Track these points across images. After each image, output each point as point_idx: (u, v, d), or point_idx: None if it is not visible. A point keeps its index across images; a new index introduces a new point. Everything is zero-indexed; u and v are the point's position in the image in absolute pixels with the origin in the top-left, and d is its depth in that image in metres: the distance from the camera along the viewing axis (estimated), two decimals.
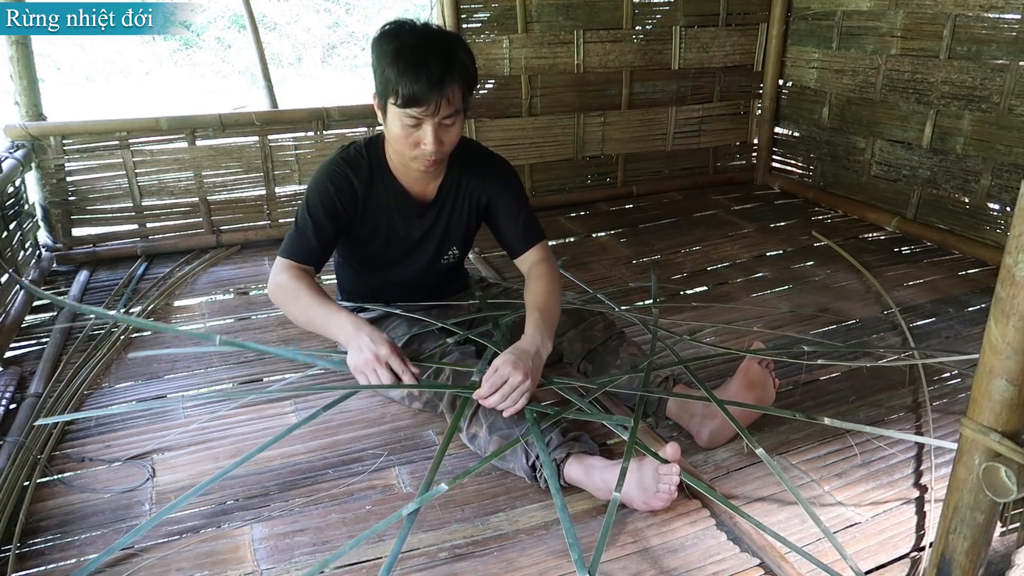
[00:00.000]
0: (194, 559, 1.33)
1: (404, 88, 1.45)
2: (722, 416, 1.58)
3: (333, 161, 1.68)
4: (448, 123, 1.52)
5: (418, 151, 1.54)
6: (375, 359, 1.50)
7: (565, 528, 1.24)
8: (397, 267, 1.81)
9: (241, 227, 3.03)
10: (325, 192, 1.64)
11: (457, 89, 1.49)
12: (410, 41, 1.47)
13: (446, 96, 1.47)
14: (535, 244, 1.75)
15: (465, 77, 1.51)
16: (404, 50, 1.45)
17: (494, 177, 1.75)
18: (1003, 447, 0.94)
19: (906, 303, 2.39)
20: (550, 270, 1.71)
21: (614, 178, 3.63)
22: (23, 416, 1.73)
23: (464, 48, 1.53)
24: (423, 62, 1.44)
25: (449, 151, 1.60)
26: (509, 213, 1.75)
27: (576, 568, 1.17)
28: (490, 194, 1.74)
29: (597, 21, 3.30)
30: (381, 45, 1.49)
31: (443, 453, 1.39)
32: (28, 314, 2.34)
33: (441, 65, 1.45)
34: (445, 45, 1.49)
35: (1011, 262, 0.89)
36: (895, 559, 1.32)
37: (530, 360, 1.49)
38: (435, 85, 1.44)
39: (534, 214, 1.78)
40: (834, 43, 3.33)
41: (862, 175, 3.31)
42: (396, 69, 1.45)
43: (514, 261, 1.79)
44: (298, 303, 1.59)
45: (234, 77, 10.16)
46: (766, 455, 1.38)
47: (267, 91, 4.84)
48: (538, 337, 1.55)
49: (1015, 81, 2.61)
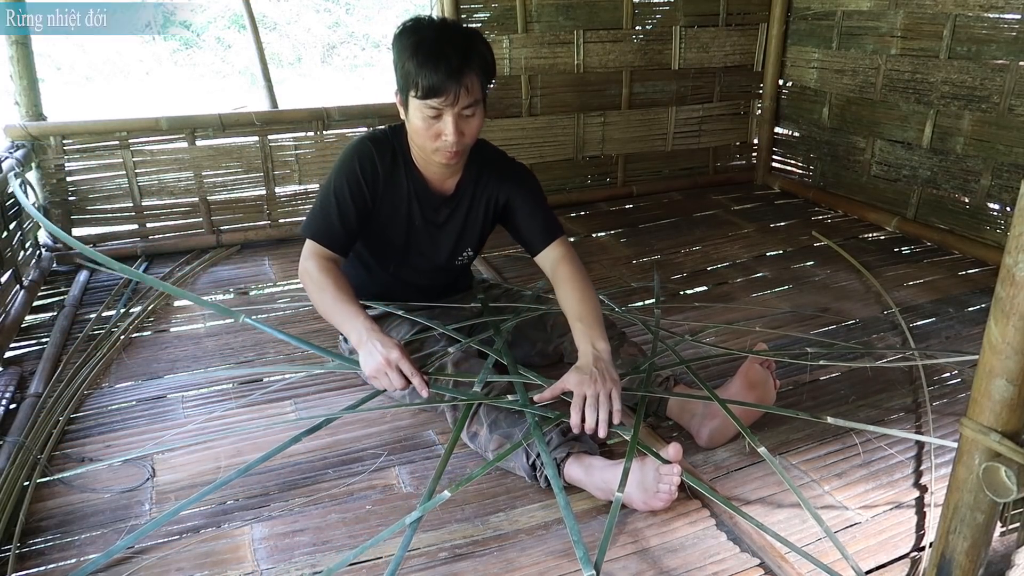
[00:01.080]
0: (194, 559, 1.33)
1: (424, 79, 1.46)
2: (722, 416, 1.58)
3: (360, 140, 1.68)
4: (468, 113, 1.53)
5: (440, 143, 1.55)
6: (386, 363, 1.50)
7: (569, 525, 1.24)
8: (411, 260, 1.81)
9: (241, 227, 3.03)
10: (351, 169, 1.64)
11: (476, 79, 1.50)
12: (429, 34, 1.49)
13: (464, 85, 1.48)
14: (555, 239, 1.73)
15: (483, 67, 1.52)
16: (424, 43, 1.47)
17: (513, 177, 1.75)
18: (1003, 447, 0.94)
19: (906, 303, 2.39)
20: (576, 269, 1.69)
21: (614, 178, 3.63)
22: (23, 416, 1.73)
23: (482, 40, 1.55)
24: (442, 53, 1.45)
25: (470, 143, 1.60)
26: (527, 210, 1.74)
27: (581, 565, 1.17)
28: (508, 193, 1.74)
29: (597, 21, 3.30)
30: (401, 40, 1.51)
31: (447, 460, 1.39)
32: (28, 314, 2.34)
33: (459, 55, 1.46)
34: (463, 37, 1.51)
35: (1011, 262, 0.89)
36: (895, 559, 1.32)
37: (595, 368, 1.47)
38: (453, 74, 1.45)
39: (554, 213, 1.77)
40: (834, 43, 3.33)
41: (862, 175, 3.31)
42: (416, 61, 1.46)
43: (535, 259, 1.76)
44: (322, 296, 1.61)
45: (234, 77, 10.17)
46: (767, 453, 1.38)
47: (267, 91, 4.84)
48: (589, 348, 1.52)
49: (1015, 81, 2.61)
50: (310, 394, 1.88)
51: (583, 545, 1.20)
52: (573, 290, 1.64)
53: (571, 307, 1.62)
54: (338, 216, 1.64)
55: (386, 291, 1.87)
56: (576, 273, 1.67)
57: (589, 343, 1.53)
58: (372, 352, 1.51)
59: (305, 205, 3.10)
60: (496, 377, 1.63)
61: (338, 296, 1.59)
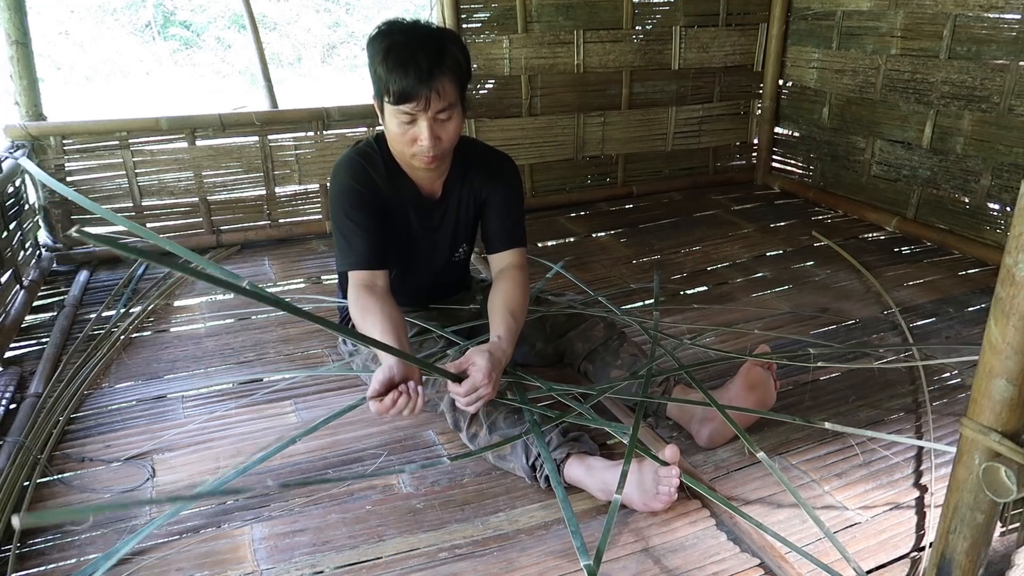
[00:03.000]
0: (194, 559, 1.33)
1: (394, 84, 1.45)
2: (721, 417, 1.58)
3: (348, 159, 1.66)
4: (443, 117, 1.51)
5: (416, 148, 1.54)
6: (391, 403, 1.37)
7: (568, 519, 1.25)
8: (414, 266, 1.80)
9: (241, 227, 3.03)
10: (351, 190, 1.61)
11: (448, 82, 1.48)
12: (400, 39, 1.47)
13: (436, 90, 1.46)
14: (516, 247, 1.72)
15: (456, 71, 1.49)
16: (394, 47, 1.45)
17: (496, 174, 1.74)
18: (1003, 447, 0.94)
19: (906, 303, 2.39)
20: (525, 280, 1.67)
21: (614, 178, 3.63)
22: (23, 416, 1.73)
23: (455, 43, 1.52)
24: (411, 58, 1.43)
25: (449, 147, 1.59)
26: (500, 209, 1.73)
27: (579, 556, 1.18)
28: (490, 191, 1.74)
29: (597, 21, 3.30)
30: (373, 45, 1.49)
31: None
32: (28, 314, 2.34)
33: (430, 59, 1.44)
34: (435, 40, 1.48)
35: (1011, 262, 0.89)
36: (895, 559, 1.32)
37: (499, 369, 1.47)
38: (424, 79, 1.43)
39: (524, 220, 1.76)
40: (834, 43, 3.33)
41: (862, 175, 3.31)
42: (386, 66, 1.45)
43: (488, 257, 1.75)
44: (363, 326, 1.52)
45: (234, 77, 10.17)
46: (766, 458, 1.38)
47: (267, 91, 4.84)
48: (507, 344, 1.52)
49: (1015, 81, 2.61)
50: (310, 394, 1.88)
51: (581, 537, 1.21)
52: (517, 294, 1.62)
53: (508, 301, 1.60)
54: (360, 232, 1.59)
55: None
56: (524, 283, 1.66)
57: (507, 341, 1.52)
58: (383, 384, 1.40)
59: (305, 205, 3.10)
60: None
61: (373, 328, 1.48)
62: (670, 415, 1.71)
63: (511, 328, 1.56)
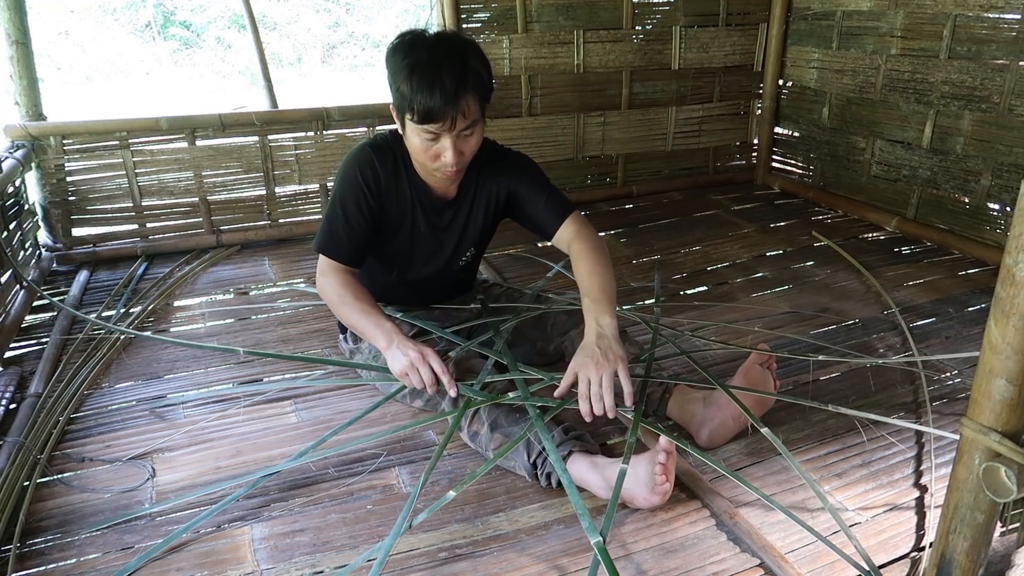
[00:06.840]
0: (194, 559, 1.33)
1: (419, 105, 1.44)
2: (721, 417, 1.58)
3: (361, 148, 1.67)
4: (467, 133, 1.52)
5: (439, 163, 1.54)
6: (419, 356, 1.53)
7: (573, 500, 1.26)
8: (416, 266, 1.80)
9: (241, 227, 3.03)
10: (353, 179, 1.62)
11: (473, 100, 1.47)
12: (423, 56, 1.45)
13: (462, 110, 1.45)
14: (566, 217, 1.70)
15: (480, 87, 1.49)
16: (418, 66, 1.43)
17: (509, 170, 1.74)
18: (1003, 447, 0.94)
19: (906, 303, 2.39)
20: (588, 245, 1.66)
21: (614, 178, 3.63)
22: (23, 416, 1.73)
23: (477, 55, 1.50)
24: (437, 77, 1.42)
25: (470, 159, 1.60)
26: (532, 196, 1.72)
27: (587, 534, 1.20)
28: (508, 186, 1.73)
29: (597, 21, 3.30)
30: (395, 59, 1.48)
31: (439, 455, 1.39)
32: (28, 314, 2.34)
33: (455, 79, 1.43)
34: (458, 56, 1.46)
35: (1011, 262, 0.89)
36: (895, 559, 1.32)
37: (596, 348, 1.45)
38: (450, 100, 1.43)
39: (559, 192, 1.75)
40: (834, 43, 3.33)
41: (862, 175, 3.31)
42: (410, 86, 1.43)
43: (551, 242, 1.75)
44: (344, 309, 1.63)
45: (234, 77, 10.17)
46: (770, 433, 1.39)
47: (267, 91, 4.83)
48: (593, 325, 1.50)
49: (1015, 81, 2.61)
50: (310, 394, 1.88)
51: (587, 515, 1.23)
52: (584, 264, 1.62)
53: (581, 283, 1.61)
54: (347, 228, 1.63)
55: (390, 296, 1.86)
56: (588, 249, 1.65)
57: (594, 319, 1.51)
58: (403, 352, 1.54)
59: (305, 205, 3.10)
60: (496, 377, 1.62)
61: (358, 306, 1.61)
62: (670, 415, 1.70)
63: (588, 307, 1.54)
